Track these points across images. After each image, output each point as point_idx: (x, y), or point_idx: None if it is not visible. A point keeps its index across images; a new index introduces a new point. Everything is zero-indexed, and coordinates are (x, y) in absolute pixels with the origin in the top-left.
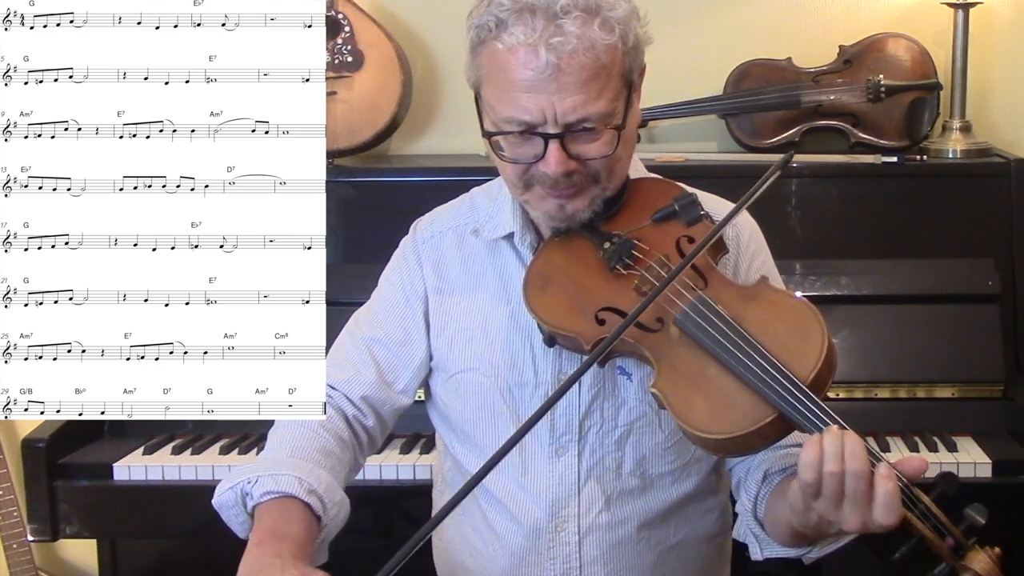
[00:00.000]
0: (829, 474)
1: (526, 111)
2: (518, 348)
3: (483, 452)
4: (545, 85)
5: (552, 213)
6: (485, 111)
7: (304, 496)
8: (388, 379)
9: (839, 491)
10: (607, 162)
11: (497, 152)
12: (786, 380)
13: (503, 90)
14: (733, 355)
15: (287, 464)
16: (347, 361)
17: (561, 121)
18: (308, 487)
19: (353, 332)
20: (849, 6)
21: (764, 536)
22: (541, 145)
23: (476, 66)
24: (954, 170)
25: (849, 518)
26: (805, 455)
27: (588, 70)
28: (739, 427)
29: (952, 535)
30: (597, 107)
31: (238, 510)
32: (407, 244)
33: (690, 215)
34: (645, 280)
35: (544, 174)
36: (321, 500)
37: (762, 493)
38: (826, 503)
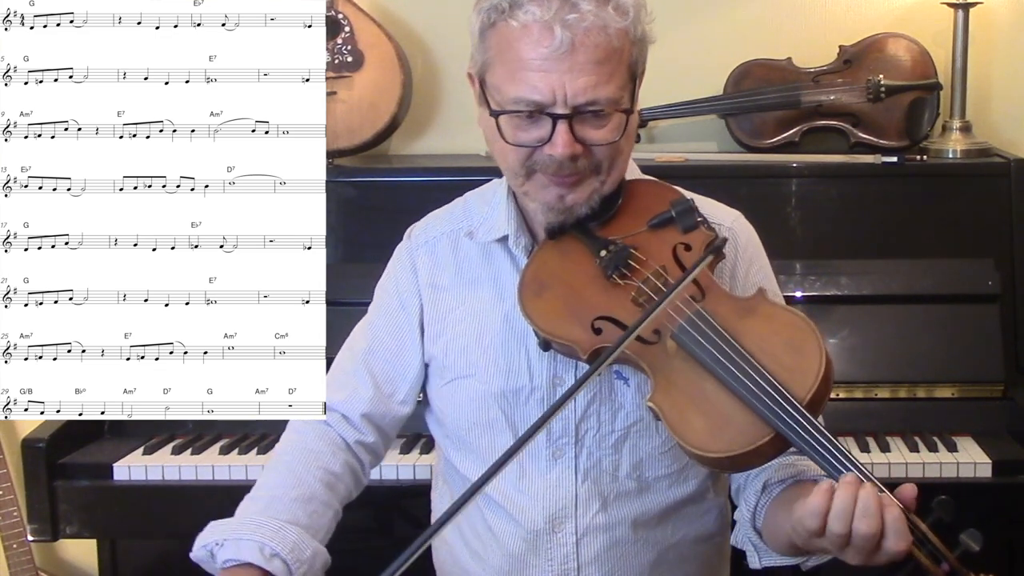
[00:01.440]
0: (834, 533)
1: (536, 90)
2: (513, 353)
3: (479, 457)
4: (557, 64)
5: (551, 204)
6: (491, 95)
7: (264, 563)
8: (386, 391)
9: (844, 543)
10: (610, 151)
11: (501, 136)
12: (784, 400)
13: (513, 70)
14: (730, 372)
15: (253, 526)
16: (345, 379)
17: (571, 102)
18: (271, 552)
19: (351, 347)
20: (849, 6)
21: (762, 545)
22: (548, 127)
23: (484, 50)
24: (954, 170)
25: (852, 559)
26: (813, 502)
27: (601, 50)
28: (736, 446)
29: (948, 561)
30: (607, 91)
31: (210, 567)
32: (402, 251)
33: (687, 222)
34: (642, 292)
35: (549, 157)
36: (285, 562)
37: (761, 503)
38: (830, 544)
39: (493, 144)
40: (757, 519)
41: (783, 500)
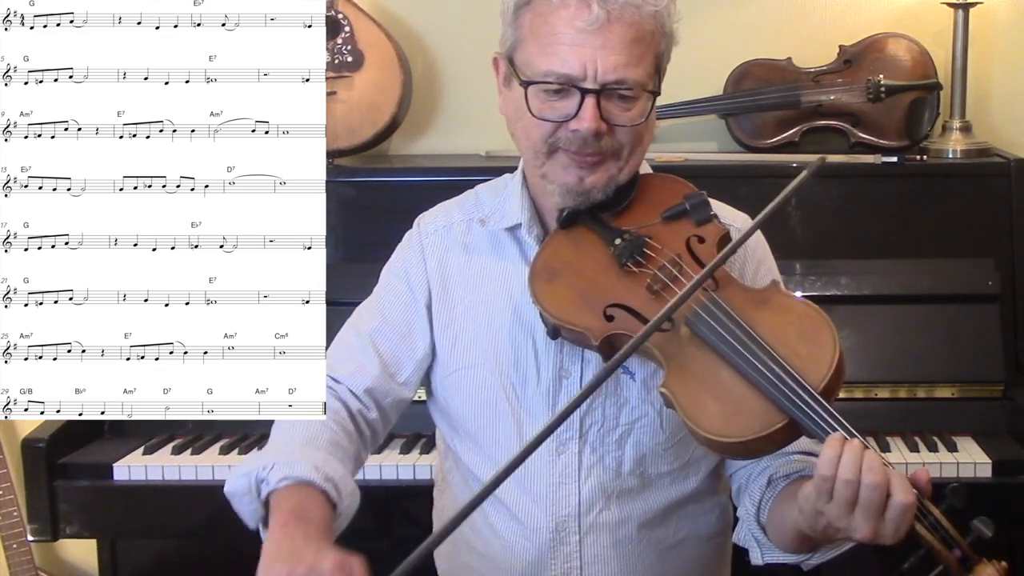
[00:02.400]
0: (843, 481)
1: (567, 64)
2: (520, 344)
3: (484, 450)
4: (591, 39)
5: (570, 186)
6: (520, 71)
7: (321, 483)
8: (391, 370)
9: (852, 499)
10: (632, 135)
11: (528, 110)
12: (798, 387)
13: (545, 44)
14: (745, 358)
15: (301, 452)
16: (350, 354)
17: (601, 79)
18: (324, 475)
19: (356, 324)
20: (849, 6)
21: (766, 541)
22: (576, 101)
23: (516, 27)
24: (954, 170)
25: (860, 527)
26: (827, 451)
27: (635, 30)
28: (750, 431)
29: (960, 547)
30: (636, 73)
31: (251, 498)
32: (412, 237)
33: (700, 215)
34: (658, 280)
35: (574, 133)
36: (337, 488)
37: (766, 497)
38: (838, 509)
39: (516, 123)
40: (762, 514)
41: (789, 493)
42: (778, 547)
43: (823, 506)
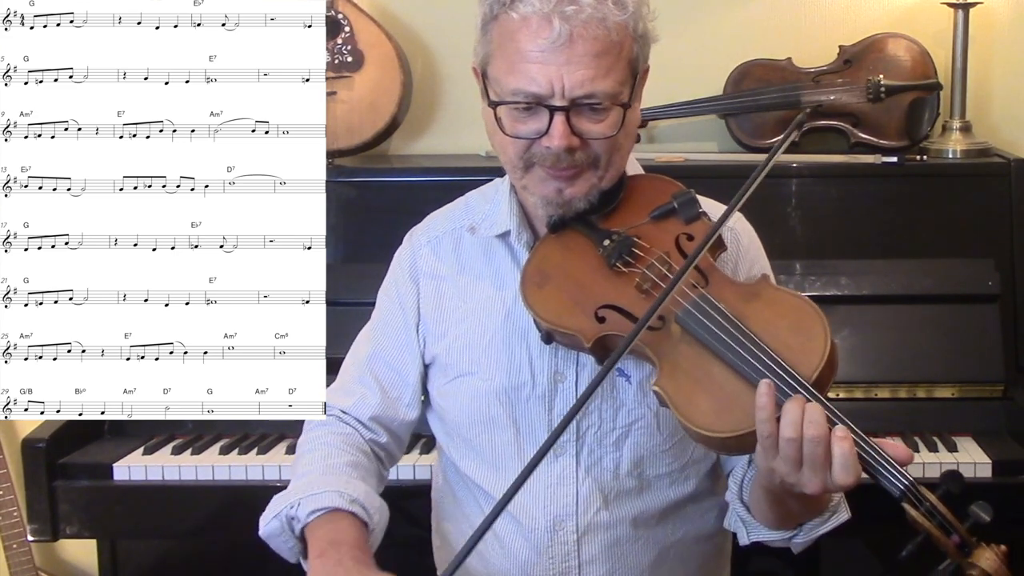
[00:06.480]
0: (786, 440)
1: (534, 82)
2: (515, 350)
3: (482, 457)
4: (555, 56)
5: (550, 198)
6: (491, 87)
7: (348, 506)
8: (393, 395)
9: (797, 456)
10: (608, 145)
11: (500, 128)
12: (791, 379)
13: (512, 62)
14: (736, 353)
15: (323, 482)
16: (352, 387)
17: (568, 95)
18: (349, 497)
19: (356, 353)
20: (849, 6)
21: (751, 519)
22: (545, 119)
23: (486, 42)
24: (954, 170)
25: (808, 481)
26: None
27: (600, 43)
28: (743, 426)
29: (958, 532)
30: (604, 85)
31: (287, 536)
32: (402, 256)
33: (689, 213)
34: (647, 278)
35: (547, 150)
36: (364, 507)
37: (748, 476)
38: (786, 466)
39: (493, 137)
40: (744, 492)
41: None
42: (762, 523)
43: (772, 463)
